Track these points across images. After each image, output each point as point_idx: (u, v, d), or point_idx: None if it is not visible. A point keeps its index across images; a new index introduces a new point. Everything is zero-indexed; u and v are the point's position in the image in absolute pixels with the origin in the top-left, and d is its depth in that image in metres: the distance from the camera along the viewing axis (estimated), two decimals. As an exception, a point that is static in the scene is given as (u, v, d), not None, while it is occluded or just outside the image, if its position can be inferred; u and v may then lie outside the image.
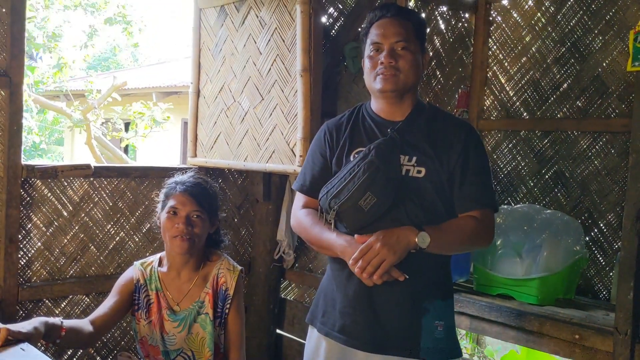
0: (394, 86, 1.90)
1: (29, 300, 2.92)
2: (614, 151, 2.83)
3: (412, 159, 1.89)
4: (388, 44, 1.90)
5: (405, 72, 1.90)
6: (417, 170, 1.88)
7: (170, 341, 2.30)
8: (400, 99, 1.95)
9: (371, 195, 1.79)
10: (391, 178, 1.83)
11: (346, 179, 1.83)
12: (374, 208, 1.80)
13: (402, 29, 1.92)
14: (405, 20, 1.94)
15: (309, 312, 2.10)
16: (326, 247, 1.95)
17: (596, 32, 2.88)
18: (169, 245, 2.27)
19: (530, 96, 3.11)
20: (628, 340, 2.15)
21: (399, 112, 1.96)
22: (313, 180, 2.04)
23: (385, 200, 1.81)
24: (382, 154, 1.84)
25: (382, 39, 1.91)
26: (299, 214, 2.06)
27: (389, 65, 1.88)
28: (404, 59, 1.90)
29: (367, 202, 1.80)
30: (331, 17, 3.58)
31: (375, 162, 1.81)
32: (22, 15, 2.73)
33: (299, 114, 2.92)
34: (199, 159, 3.55)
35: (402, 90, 1.93)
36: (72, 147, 15.01)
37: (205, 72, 3.50)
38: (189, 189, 2.28)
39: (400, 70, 1.89)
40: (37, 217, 2.95)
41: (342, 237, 1.88)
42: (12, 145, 2.74)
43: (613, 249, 2.83)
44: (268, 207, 3.75)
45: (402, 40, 1.90)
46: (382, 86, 1.91)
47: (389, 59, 1.88)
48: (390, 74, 1.89)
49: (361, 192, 1.80)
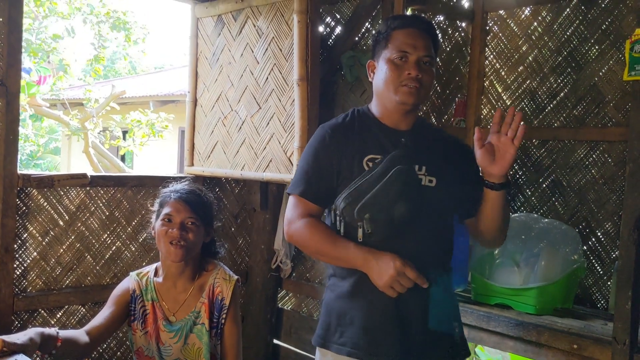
0: (416, 100, 1.88)
1: (24, 311, 2.90)
2: (611, 160, 2.83)
3: (422, 169, 1.89)
4: (416, 56, 1.86)
5: (426, 88, 1.89)
6: (429, 180, 1.88)
7: (167, 352, 2.28)
8: (412, 112, 1.95)
9: (402, 204, 1.78)
10: (417, 188, 1.85)
11: (375, 187, 1.79)
12: (403, 217, 1.79)
13: (428, 43, 1.90)
14: (432, 35, 1.93)
15: (317, 335, 1.98)
16: (338, 258, 1.88)
17: (592, 42, 2.89)
18: (163, 254, 2.27)
19: (527, 105, 3.11)
20: (626, 350, 2.14)
21: (404, 122, 1.95)
22: (318, 185, 1.93)
23: (414, 210, 1.80)
24: (409, 163, 1.84)
25: (412, 49, 1.86)
26: (300, 224, 1.92)
27: (416, 79, 1.85)
28: (428, 74, 1.88)
29: (400, 212, 1.78)
30: (328, 27, 3.59)
31: (405, 171, 1.81)
32: (19, 24, 2.73)
33: (296, 123, 2.92)
34: (196, 167, 3.54)
35: (418, 104, 1.94)
36: (69, 155, 14.99)
37: (202, 81, 3.51)
38: (184, 196, 2.27)
39: (423, 85, 1.87)
40: (33, 226, 2.94)
41: (362, 248, 1.82)
42: (8, 154, 2.73)
43: (611, 258, 2.82)
44: (265, 216, 3.74)
45: (428, 55, 1.88)
46: (405, 99, 1.86)
47: (418, 72, 1.85)
48: (416, 87, 1.86)
49: (394, 201, 1.78)
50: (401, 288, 1.76)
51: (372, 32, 3.44)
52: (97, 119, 8.96)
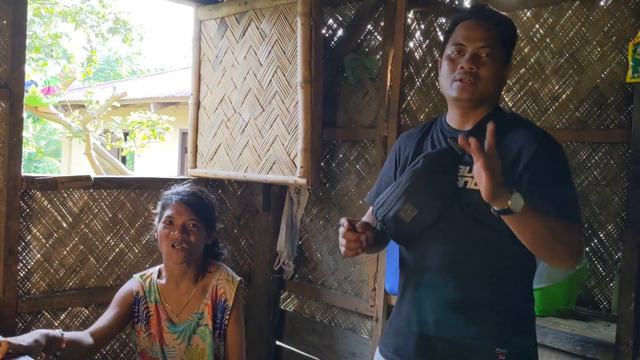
0: (471, 95, 1.73)
1: (28, 312, 2.91)
2: (613, 162, 2.83)
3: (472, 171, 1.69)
4: (472, 48, 1.72)
5: (485, 82, 1.72)
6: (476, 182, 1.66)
7: (170, 353, 2.28)
8: (474, 110, 1.78)
9: (411, 206, 1.68)
10: (439, 190, 1.70)
11: (392, 189, 1.74)
12: (415, 220, 1.69)
13: (490, 33, 1.73)
14: (495, 25, 1.76)
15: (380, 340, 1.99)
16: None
17: (594, 44, 2.89)
18: (165, 256, 2.27)
19: (529, 107, 3.12)
20: (630, 351, 2.15)
21: (470, 122, 1.79)
22: (378, 191, 1.92)
23: (428, 212, 1.68)
24: (429, 164, 1.71)
25: (466, 41, 1.73)
26: None
27: (469, 72, 1.71)
28: (486, 67, 1.72)
29: (408, 214, 1.69)
30: (330, 29, 3.60)
31: (417, 173, 1.70)
32: (22, 27, 2.74)
33: (299, 125, 2.93)
34: (199, 170, 3.55)
35: (478, 101, 1.75)
36: (70, 157, 14.99)
37: (205, 84, 3.51)
38: (185, 198, 2.27)
39: (480, 78, 1.71)
40: (36, 228, 2.95)
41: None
42: (12, 157, 2.74)
43: (613, 259, 2.83)
44: (268, 218, 3.75)
45: (487, 47, 1.72)
46: (457, 94, 1.73)
47: (470, 65, 1.71)
48: (468, 81, 1.71)
49: (401, 203, 1.69)
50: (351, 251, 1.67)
51: (375, 35, 3.45)
52: (98, 120, 8.97)
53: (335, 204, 3.60)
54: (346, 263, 3.53)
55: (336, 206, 3.59)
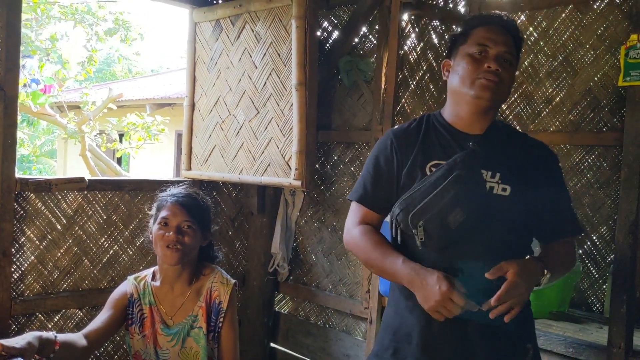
0: (494, 95, 1.72)
1: (21, 315, 2.90)
2: (606, 164, 2.85)
3: (496, 176, 1.71)
4: (496, 50, 1.72)
5: (505, 85, 1.74)
6: (502, 188, 1.70)
7: (164, 356, 2.28)
8: (486, 112, 1.78)
9: (460, 211, 1.63)
10: (480, 194, 1.68)
11: (430, 193, 1.66)
12: (461, 225, 1.63)
13: (510, 41, 1.76)
14: (514, 35, 1.79)
15: (373, 352, 1.86)
16: (386, 273, 1.76)
17: (588, 47, 2.91)
18: (160, 257, 2.27)
19: (522, 109, 3.14)
20: (622, 353, 2.16)
21: (477, 125, 1.78)
22: (375, 191, 1.83)
23: (474, 217, 1.64)
24: (469, 167, 1.68)
25: (491, 43, 1.73)
26: (356, 232, 1.82)
27: (496, 72, 1.70)
28: (508, 72, 1.74)
29: (456, 219, 1.63)
30: (325, 31, 3.61)
31: (464, 177, 1.65)
32: (17, 29, 2.74)
33: (294, 127, 2.94)
34: (193, 171, 3.55)
35: (496, 102, 1.77)
36: (65, 158, 14.95)
37: (200, 85, 3.52)
38: (180, 200, 2.28)
39: (502, 80, 1.72)
40: (30, 230, 2.94)
41: (410, 264, 1.67)
42: (5, 159, 2.73)
43: (606, 261, 2.84)
44: (262, 220, 3.75)
45: (509, 52, 1.74)
46: (480, 93, 1.71)
47: (497, 65, 1.70)
48: (494, 81, 1.71)
49: (450, 208, 1.63)
50: (448, 313, 1.58)
51: (369, 37, 3.46)
52: (94, 122, 8.95)
53: (330, 206, 3.61)
54: (341, 265, 3.54)
55: (331, 208, 3.60)
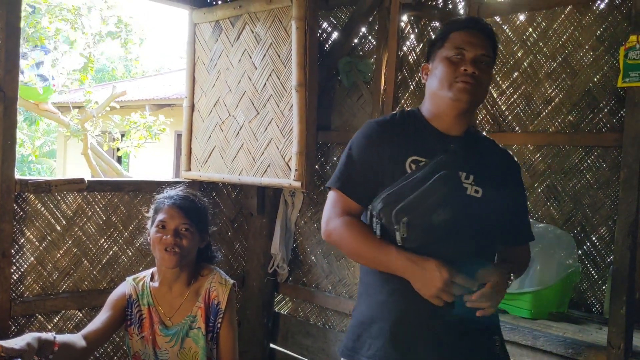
0: (471, 97, 1.76)
1: (21, 315, 2.90)
2: (605, 165, 2.85)
3: (470, 177, 1.77)
4: (473, 54, 1.77)
5: (483, 87, 1.79)
6: (475, 190, 1.77)
7: (163, 356, 2.29)
8: (464, 114, 1.82)
9: (444, 210, 1.67)
10: (462, 195, 1.75)
11: (415, 191, 1.69)
12: (443, 225, 1.68)
13: (486, 44, 1.81)
14: (491, 38, 1.84)
15: (344, 346, 1.87)
16: (378, 263, 1.77)
17: (587, 48, 2.91)
18: (158, 260, 2.27)
19: (522, 110, 3.14)
20: (621, 354, 2.16)
21: (455, 128, 1.83)
22: (358, 180, 1.82)
23: (456, 218, 1.69)
24: (453, 170, 1.74)
25: (469, 46, 1.77)
26: (338, 223, 1.81)
27: (473, 75, 1.75)
28: (486, 74, 1.79)
29: (440, 218, 1.67)
30: (325, 32, 3.61)
31: (450, 177, 1.71)
32: (16, 31, 2.74)
33: (294, 128, 2.94)
34: (193, 172, 3.55)
35: (474, 104, 1.82)
36: (65, 158, 14.96)
37: (200, 86, 3.52)
38: (178, 202, 2.28)
39: (480, 83, 1.77)
40: (30, 231, 2.94)
41: (405, 253, 1.69)
42: (5, 159, 2.73)
43: (605, 262, 2.84)
44: (262, 221, 3.75)
45: (486, 55, 1.79)
46: (459, 95, 1.75)
47: (474, 68, 1.75)
48: (472, 84, 1.75)
49: (435, 207, 1.67)
50: (449, 297, 1.64)
51: (369, 38, 3.46)
52: (97, 119, 8.95)
53: (329, 206, 3.60)
54: (340, 266, 3.54)
55: (330, 209, 3.59)
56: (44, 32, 9.07)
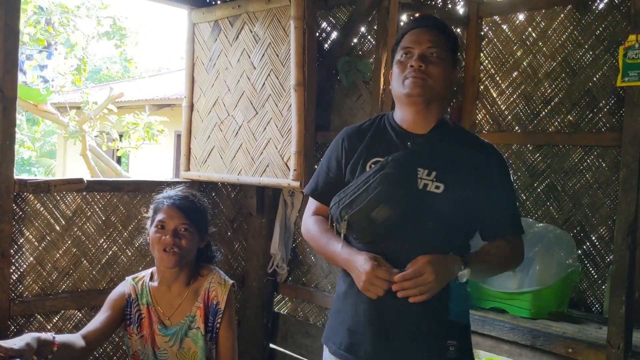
0: (422, 90, 1.82)
1: (20, 316, 2.90)
2: (604, 165, 2.85)
3: (432, 174, 1.81)
4: (420, 50, 1.84)
5: (434, 78, 1.83)
6: (436, 186, 1.80)
7: (162, 356, 2.29)
8: (426, 108, 1.87)
9: (384, 207, 1.73)
10: (408, 192, 1.77)
11: (360, 189, 1.77)
12: (386, 221, 1.74)
13: (437, 37, 1.86)
14: (439, 32, 1.89)
15: (324, 332, 2.02)
16: (331, 258, 1.91)
17: (586, 47, 2.91)
18: (157, 260, 2.27)
19: (521, 110, 3.13)
20: (621, 354, 2.16)
21: (422, 124, 1.89)
22: (325, 185, 1.98)
23: (398, 214, 1.75)
24: (400, 166, 1.77)
25: (414, 44, 1.85)
26: (309, 222, 2.01)
27: (419, 69, 1.81)
28: (435, 66, 1.83)
29: (380, 215, 1.74)
30: (324, 32, 3.61)
31: (391, 175, 1.75)
32: (15, 31, 2.74)
33: (293, 128, 2.93)
34: (192, 172, 3.55)
35: (429, 96, 1.85)
36: (65, 158, 14.96)
37: (199, 86, 3.51)
38: (177, 203, 2.28)
39: (430, 75, 1.82)
40: (29, 231, 2.94)
41: (347, 249, 1.82)
42: (4, 159, 2.73)
43: (605, 262, 2.84)
44: (261, 221, 3.75)
45: (434, 47, 1.84)
46: (410, 90, 1.83)
47: (420, 62, 1.82)
48: (420, 77, 1.81)
49: (374, 204, 1.73)
50: (378, 290, 1.72)
51: (368, 38, 3.46)
52: (94, 120, 8.95)
53: (328, 206, 3.60)
54: (340, 266, 3.54)
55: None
56: (45, 32, 9.07)
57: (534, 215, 3.04)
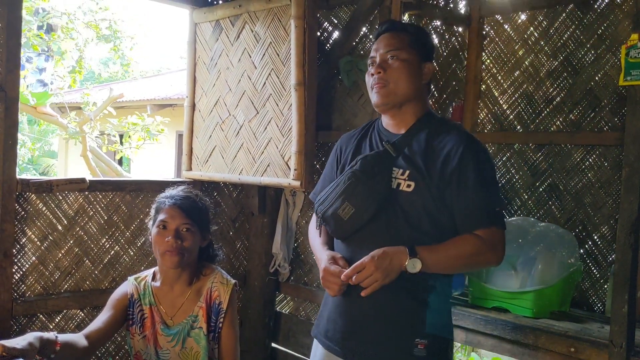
0: (386, 98, 1.89)
1: (23, 315, 2.90)
2: (607, 164, 2.84)
3: (405, 173, 1.87)
4: (379, 57, 1.90)
5: (394, 81, 1.87)
6: (407, 185, 1.85)
7: (165, 356, 2.29)
8: (399, 111, 1.92)
9: (349, 205, 1.83)
10: (374, 190, 1.84)
11: (332, 189, 1.91)
12: (352, 218, 1.84)
13: (394, 40, 1.91)
14: (399, 32, 1.94)
15: (316, 323, 2.14)
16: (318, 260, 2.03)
17: (588, 46, 2.90)
18: (159, 260, 2.28)
19: (523, 109, 3.13)
20: (623, 353, 2.16)
21: (402, 124, 1.94)
22: (322, 190, 2.08)
23: (363, 212, 1.84)
24: (366, 166, 1.86)
25: (375, 52, 1.93)
26: (311, 225, 2.16)
27: (377, 76, 1.88)
28: (393, 68, 1.88)
29: (346, 212, 1.84)
30: (326, 32, 3.61)
31: (355, 174, 1.85)
32: (17, 30, 2.74)
33: (293, 127, 2.93)
34: (194, 172, 3.55)
35: (395, 101, 1.89)
36: (66, 159, 14.98)
37: (200, 86, 3.52)
38: (178, 202, 2.28)
39: (389, 79, 1.87)
40: (31, 231, 2.95)
41: (320, 248, 2.01)
42: (7, 159, 2.74)
43: (607, 261, 2.84)
44: (263, 220, 3.75)
45: (391, 50, 1.89)
46: (375, 100, 1.91)
47: (377, 69, 1.88)
48: (379, 85, 1.88)
49: (340, 202, 1.85)
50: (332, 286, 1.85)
51: (370, 37, 3.46)
52: (94, 122, 8.95)
53: (330, 206, 3.60)
54: (341, 265, 3.54)
55: (331, 208, 3.59)
56: (37, 39, 9.08)
57: (535, 215, 3.04)
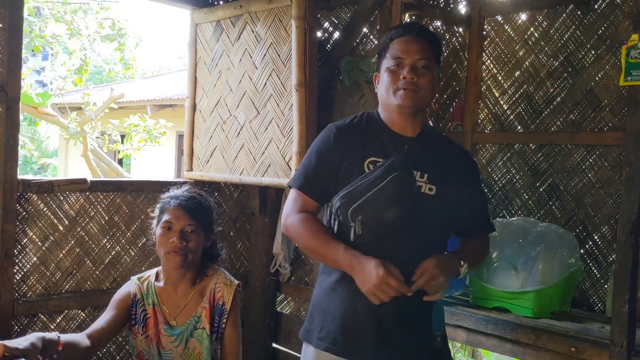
0: (414, 102, 1.92)
1: (24, 315, 2.91)
2: (607, 164, 2.85)
3: (424, 176, 1.91)
4: (410, 60, 1.91)
5: (424, 90, 1.92)
6: (429, 188, 1.91)
7: (167, 356, 2.29)
8: (414, 116, 1.97)
9: (395, 209, 1.83)
10: (414, 194, 1.88)
11: (370, 191, 1.83)
12: (395, 222, 1.83)
13: (425, 47, 1.94)
14: (426, 40, 1.97)
15: (303, 328, 2.04)
16: (325, 257, 1.92)
17: (589, 47, 2.91)
18: (164, 261, 2.28)
19: (524, 110, 3.14)
20: (624, 352, 2.16)
21: (410, 128, 1.98)
22: (316, 181, 1.98)
23: (406, 215, 1.84)
24: (407, 169, 1.88)
25: (405, 54, 1.92)
26: (296, 219, 1.96)
27: (411, 81, 1.90)
28: (425, 77, 1.92)
29: (390, 216, 1.83)
30: (326, 32, 3.61)
31: (402, 178, 1.85)
32: (19, 31, 2.75)
33: (294, 128, 2.94)
34: (195, 172, 3.56)
35: (419, 107, 1.95)
36: (66, 159, 14.97)
37: (201, 87, 3.52)
38: (183, 203, 2.28)
39: (421, 87, 1.91)
40: (32, 231, 2.95)
41: (350, 251, 1.83)
42: (8, 160, 2.74)
43: (607, 261, 2.84)
44: (264, 221, 3.75)
45: (423, 59, 1.92)
46: (402, 102, 1.91)
47: (412, 75, 1.89)
48: (412, 90, 1.90)
49: (386, 206, 1.82)
50: (384, 296, 1.75)
51: (371, 38, 3.46)
52: (95, 122, 8.95)
53: (331, 206, 3.60)
54: (342, 265, 3.54)
55: (332, 208, 3.59)
56: (40, 39, 9.07)
57: (536, 215, 3.05)
